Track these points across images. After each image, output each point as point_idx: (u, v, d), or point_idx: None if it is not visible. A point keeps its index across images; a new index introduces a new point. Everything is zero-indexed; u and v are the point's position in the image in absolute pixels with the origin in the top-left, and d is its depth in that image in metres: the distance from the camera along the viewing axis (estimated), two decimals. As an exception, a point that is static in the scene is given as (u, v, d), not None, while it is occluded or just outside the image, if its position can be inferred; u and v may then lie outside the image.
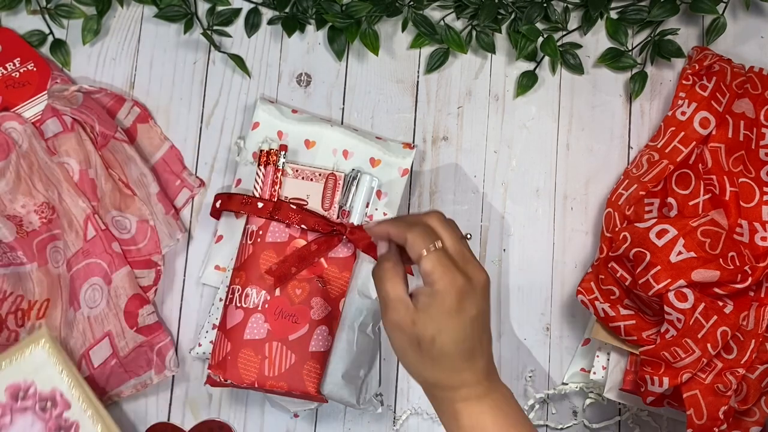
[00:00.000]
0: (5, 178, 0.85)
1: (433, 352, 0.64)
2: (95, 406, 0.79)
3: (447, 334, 0.63)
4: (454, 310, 0.63)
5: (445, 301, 0.63)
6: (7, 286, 0.85)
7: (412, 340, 0.64)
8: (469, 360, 0.65)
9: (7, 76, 0.88)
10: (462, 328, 0.64)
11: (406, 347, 0.65)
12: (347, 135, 0.88)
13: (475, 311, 0.64)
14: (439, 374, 0.65)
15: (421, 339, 0.64)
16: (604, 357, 0.84)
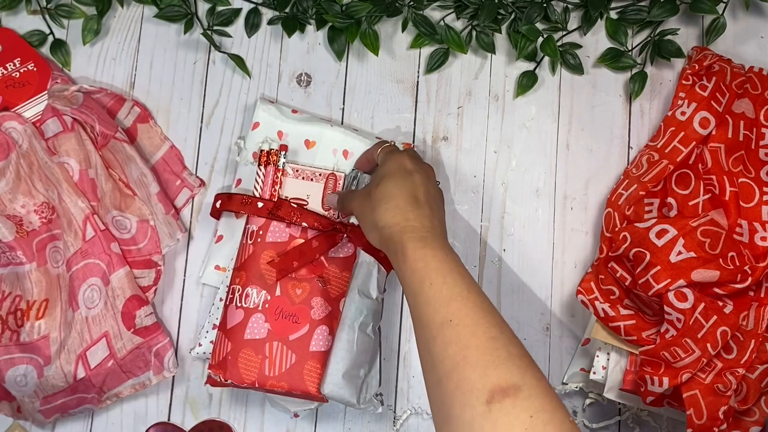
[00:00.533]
0: (5, 177, 0.85)
1: (378, 193, 0.76)
2: None
3: (389, 178, 0.77)
4: (396, 168, 0.77)
5: (389, 164, 0.78)
6: (6, 286, 0.85)
7: (364, 195, 0.78)
8: (414, 204, 0.75)
9: (7, 76, 0.88)
10: (402, 177, 0.76)
11: (361, 203, 0.78)
12: (347, 135, 0.88)
13: (416, 171, 0.77)
14: (385, 213, 0.74)
15: (371, 190, 0.77)
16: (603, 357, 0.84)
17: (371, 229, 0.76)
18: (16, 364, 0.84)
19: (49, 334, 0.84)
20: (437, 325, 0.67)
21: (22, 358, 0.84)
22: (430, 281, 0.69)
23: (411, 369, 0.89)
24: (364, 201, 0.78)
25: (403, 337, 0.89)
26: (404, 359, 0.89)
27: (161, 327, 0.86)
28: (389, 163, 0.79)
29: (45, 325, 0.85)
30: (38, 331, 0.84)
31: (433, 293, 0.69)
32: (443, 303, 0.68)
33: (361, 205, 0.78)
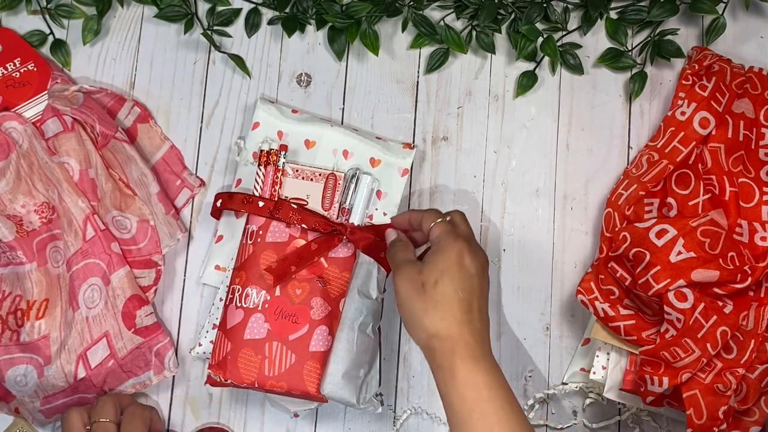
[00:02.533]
0: (5, 177, 0.85)
1: (436, 294, 0.71)
2: None
3: (448, 278, 0.72)
4: (455, 262, 0.72)
5: (448, 254, 0.73)
6: (6, 286, 0.85)
7: (417, 286, 0.72)
8: (468, 314, 0.71)
9: (7, 76, 0.88)
10: (461, 277, 0.72)
11: (412, 295, 0.72)
12: (347, 135, 0.88)
13: (474, 271, 0.73)
14: (440, 321, 0.70)
15: (425, 282, 0.72)
16: (603, 357, 0.84)
17: (418, 329, 0.72)
18: (16, 363, 0.84)
19: (50, 334, 0.84)
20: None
21: (22, 357, 0.84)
22: (480, 412, 0.68)
23: (411, 369, 0.89)
24: (415, 293, 0.72)
25: (403, 337, 0.89)
26: (404, 359, 0.89)
27: (161, 327, 0.86)
28: (448, 253, 0.73)
29: (45, 325, 0.85)
30: (38, 331, 0.84)
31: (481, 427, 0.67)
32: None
33: (411, 297, 0.72)
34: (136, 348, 0.85)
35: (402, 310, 0.74)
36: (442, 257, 0.73)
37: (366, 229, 0.85)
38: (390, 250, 0.79)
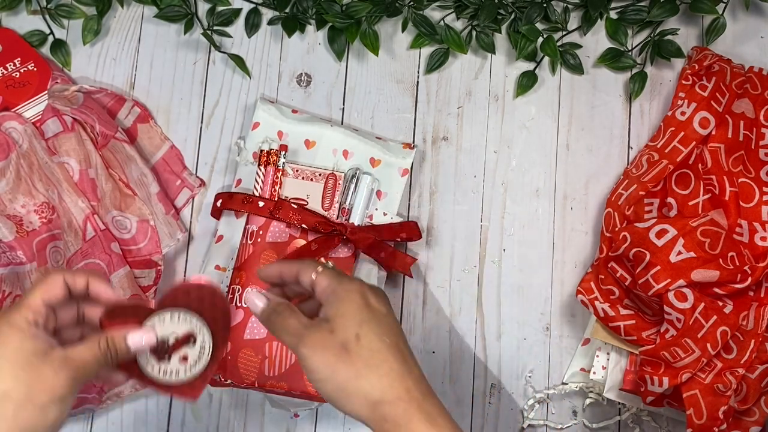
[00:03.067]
0: (5, 177, 0.85)
1: (362, 351, 0.58)
2: None
3: (369, 327, 0.59)
4: (364, 306, 0.60)
5: (353, 299, 0.60)
6: (6, 286, 0.85)
7: (338, 349, 0.58)
8: (404, 363, 0.59)
9: (7, 76, 0.88)
10: (378, 322, 0.60)
11: (335, 362, 0.58)
12: (347, 135, 0.88)
13: (385, 310, 0.61)
14: (378, 381, 0.58)
15: (346, 341, 0.58)
16: (603, 357, 0.84)
17: (355, 400, 0.58)
18: (16, 364, 0.84)
19: (49, 334, 0.84)
20: None
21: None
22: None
23: (411, 369, 0.89)
24: (336, 358, 0.58)
25: (403, 337, 0.89)
26: (404, 359, 0.89)
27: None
28: (352, 298, 0.60)
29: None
30: (38, 331, 0.84)
31: None
32: None
33: (332, 364, 0.58)
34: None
35: (325, 387, 0.58)
36: (349, 305, 0.60)
37: (366, 229, 0.85)
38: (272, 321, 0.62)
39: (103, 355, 0.61)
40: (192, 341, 0.64)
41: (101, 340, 0.61)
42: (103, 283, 0.64)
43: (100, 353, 0.61)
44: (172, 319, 0.64)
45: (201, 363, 0.64)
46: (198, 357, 0.64)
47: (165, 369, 0.64)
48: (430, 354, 0.89)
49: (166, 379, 0.64)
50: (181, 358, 0.64)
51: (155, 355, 0.64)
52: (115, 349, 0.61)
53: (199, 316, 0.64)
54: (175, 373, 0.64)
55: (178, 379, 0.64)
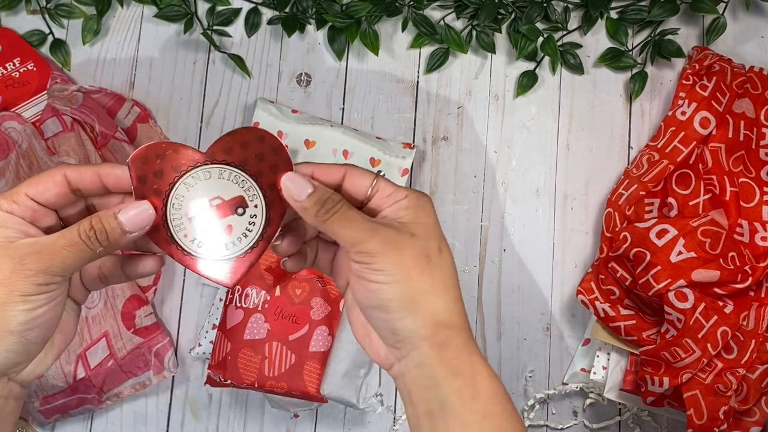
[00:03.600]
0: (5, 177, 0.85)
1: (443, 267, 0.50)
2: None
3: (446, 245, 0.51)
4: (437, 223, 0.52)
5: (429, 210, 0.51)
6: (7, 286, 0.85)
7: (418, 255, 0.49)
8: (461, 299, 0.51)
9: (7, 75, 0.88)
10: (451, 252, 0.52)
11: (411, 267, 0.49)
12: (347, 135, 0.88)
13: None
14: (451, 304, 0.50)
15: (428, 250, 0.50)
16: (604, 357, 0.84)
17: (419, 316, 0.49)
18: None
19: (49, 334, 0.84)
20: None
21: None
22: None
23: (411, 369, 0.88)
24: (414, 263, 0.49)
25: (403, 337, 0.89)
26: None
27: (161, 327, 0.86)
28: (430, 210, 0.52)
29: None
30: (38, 331, 0.84)
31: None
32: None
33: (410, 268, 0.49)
34: (136, 348, 0.85)
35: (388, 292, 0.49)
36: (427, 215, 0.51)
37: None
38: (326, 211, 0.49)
39: (84, 239, 0.48)
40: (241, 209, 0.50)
41: (83, 222, 0.48)
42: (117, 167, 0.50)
43: (78, 236, 0.48)
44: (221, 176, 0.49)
45: (248, 239, 0.50)
46: (246, 231, 0.50)
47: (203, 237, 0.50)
48: (430, 354, 0.89)
49: (200, 252, 0.50)
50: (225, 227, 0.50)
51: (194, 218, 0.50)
52: (103, 230, 0.48)
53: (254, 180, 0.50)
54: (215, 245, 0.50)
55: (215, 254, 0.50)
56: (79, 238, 0.48)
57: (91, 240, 0.48)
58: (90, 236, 0.48)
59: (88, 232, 0.48)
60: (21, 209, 0.48)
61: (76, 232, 0.47)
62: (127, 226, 0.48)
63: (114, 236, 0.48)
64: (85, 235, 0.48)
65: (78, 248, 0.48)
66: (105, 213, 0.48)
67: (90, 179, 0.49)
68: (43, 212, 0.49)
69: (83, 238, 0.48)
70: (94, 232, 0.48)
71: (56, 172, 0.49)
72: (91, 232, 0.48)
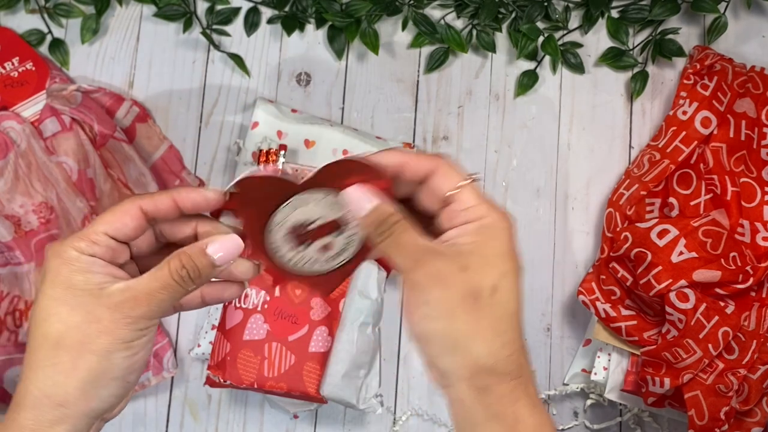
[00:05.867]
0: (3, 177, 0.85)
1: (494, 309, 0.46)
2: None
3: (509, 282, 0.47)
4: (510, 252, 0.47)
5: (503, 237, 0.47)
6: (4, 287, 0.85)
7: (466, 294, 0.46)
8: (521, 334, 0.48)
9: (5, 75, 0.87)
10: (518, 279, 0.47)
11: (455, 307, 0.46)
12: (347, 135, 0.88)
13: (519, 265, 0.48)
14: (497, 349, 0.46)
15: (479, 289, 0.46)
16: (605, 358, 0.84)
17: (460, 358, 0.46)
18: (15, 364, 0.84)
19: (48, 335, 0.84)
20: None
21: (20, 358, 0.84)
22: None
23: (411, 370, 0.88)
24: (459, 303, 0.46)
25: (403, 337, 0.89)
26: (404, 360, 0.89)
27: (160, 327, 0.86)
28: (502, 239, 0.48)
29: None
30: (37, 331, 0.84)
31: None
32: None
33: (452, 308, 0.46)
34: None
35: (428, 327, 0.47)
36: (495, 244, 0.47)
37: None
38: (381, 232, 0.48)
39: (177, 280, 0.47)
40: (339, 230, 0.52)
41: (172, 261, 0.47)
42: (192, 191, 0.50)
43: (171, 278, 0.47)
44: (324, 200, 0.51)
45: (344, 255, 0.53)
46: (343, 248, 0.52)
47: (300, 256, 0.53)
48: (430, 354, 0.88)
49: (298, 267, 0.53)
50: (321, 247, 0.52)
51: (293, 240, 0.52)
52: (195, 268, 0.47)
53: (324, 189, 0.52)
54: (312, 262, 0.53)
55: (312, 269, 0.53)
56: (172, 279, 0.47)
57: (184, 279, 0.47)
58: (183, 275, 0.47)
59: (180, 272, 0.47)
60: (103, 250, 0.48)
61: (168, 274, 0.47)
62: (217, 260, 0.48)
63: (206, 272, 0.48)
64: (177, 276, 0.47)
65: (172, 289, 0.47)
66: (193, 250, 0.48)
67: (167, 207, 0.49)
68: (121, 249, 0.49)
69: (176, 279, 0.47)
70: (186, 271, 0.47)
71: (131, 206, 0.50)
72: (183, 271, 0.47)
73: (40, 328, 0.46)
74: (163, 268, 0.47)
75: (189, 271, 0.47)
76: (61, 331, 0.46)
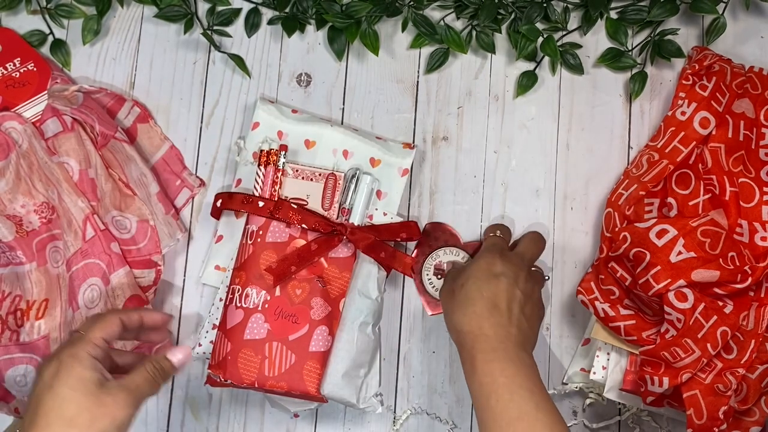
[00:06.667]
0: (5, 177, 0.85)
1: (461, 295, 0.78)
2: None
3: (473, 282, 0.78)
4: (483, 269, 0.78)
5: (479, 262, 0.79)
6: (6, 286, 0.85)
7: (449, 292, 0.80)
8: (492, 311, 0.75)
9: (7, 76, 0.88)
10: (487, 284, 0.77)
11: (447, 299, 0.81)
12: (347, 135, 0.88)
13: (504, 277, 0.77)
14: (464, 319, 0.76)
15: (455, 288, 0.79)
16: (604, 357, 0.84)
17: (450, 329, 0.79)
18: (16, 363, 0.84)
19: (49, 334, 0.84)
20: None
21: (21, 357, 0.84)
22: (496, 397, 0.70)
23: (411, 369, 0.89)
24: (448, 297, 0.80)
25: (403, 337, 0.89)
26: (404, 359, 0.89)
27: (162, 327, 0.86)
28: (479, 262, 0.80)
29: (45, 325, 0.85)
30: (38, 331, 0.84)
31: (500, 410, 0.69)
32: (509, 422, 0.69)
33: (446, 301, 0.81)
34: (136, 348, 0.85)
35: (444, 317, 0.81)
36: (474, 265, 0.80)
37: (366, 229, 0.85)
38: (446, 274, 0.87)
39: (152, 377, 0.69)
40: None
41: (147, 365, 0.69)
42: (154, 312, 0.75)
43: (149, 376, 0.69)
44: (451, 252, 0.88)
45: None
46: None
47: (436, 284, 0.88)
48: (430, 354, 0.89)
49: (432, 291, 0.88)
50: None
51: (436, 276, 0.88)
52: (161, 369, 0.70)
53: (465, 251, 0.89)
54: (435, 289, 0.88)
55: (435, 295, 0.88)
56: (150, 375, 0.69)
57: (156, 377, 0.69)
58: (155, 374, 0.69)
59: (153, 372, 0.69)
60: (100, 352, 0.68)
61: (146, 372, 0.69)
62: (176, 364, 0.72)
63: (170, 372, 0.71)
64: (152, 374, 0.69)
65: (150, 382, 0.69)
66: (160, 357, 0.71)
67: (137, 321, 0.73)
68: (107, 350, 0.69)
69: (152, 376, 0.69)
70: (156, 371, 0.69)
71: (115, 318, 0.70)
72: (154, 371, 0.69)
73: (57, 410, 0.64)
74: (142, 370, 0.69)
75: (158, 371, 0.70)
76: (74, 412, 0.64)
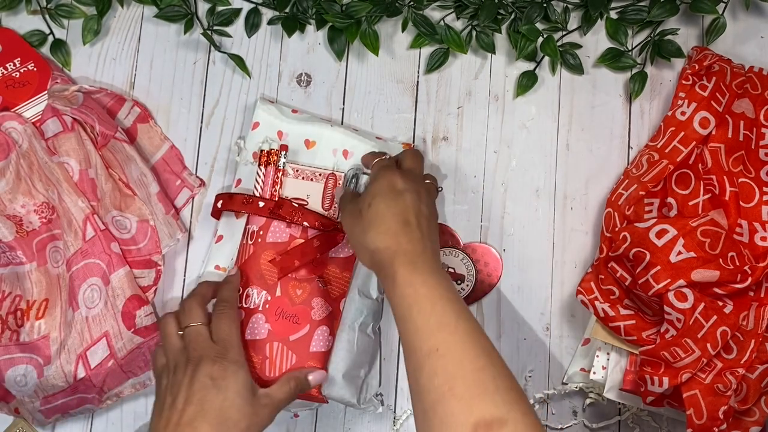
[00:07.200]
0: (5, 177, 0.85)
1: (370, 214, 0.75)
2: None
3: (380, 199, 0.75)
4: (386, 186, 0.76)
5: (380, 181, 0.77)
6: (6, 286, 0.85)
7: (356, 213, 0.77)
8: (405, 227, 0.73)
9: (7, 76, 0.88)
10: (393, 197, 0.75)
11: (352, 222, 0.77)
12: (347, 135, 0.88)
13: (407, 193, 0.76)
14: (377, 236, 0.73)
15: (362, 207, 0.76)
16: (603, 357, 0.84)
17: (362, 251, 0.76)
18: (16, 363, 0.84)
19: (49, 334, 0.84)
20: (424, 354, 0.67)
21: (22, 357, 0.84)
22: (418, 308, 0.69)
23: (411, 369, 0.89)
24: (355, 220, 0.77)
25: (403, 337, 0.89)
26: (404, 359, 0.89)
27: (161, 327, 0.86)
28: (380, 181, 0.77)
29: (45, 325, 0.85)
30: (38, 330, 0.84)
31: (422, 321, 0.69)
32: (431, 332, 0.68)
33: (352, 224, 0.77)
34: (136, 348, 0.85)
35: (350, 241, 0.79)
36: (375, 184, 0.77)
37: (366, 229, 0.85)
38: (339, 203, 0.84)
39: (293, 393, 0.77)
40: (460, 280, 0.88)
41: (291, 381, 0.77)
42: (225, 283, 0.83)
43: (292, 392, 0.77)
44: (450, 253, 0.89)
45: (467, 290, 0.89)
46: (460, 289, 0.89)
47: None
48: (430, 354, 0.89)
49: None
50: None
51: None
52: (301, 387, 0.78)
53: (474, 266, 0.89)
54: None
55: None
56: (292, 391, 0.77)
57: (295, 393, 0.78)
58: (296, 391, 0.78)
59: (295, 389, 0.78)
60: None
61: (289, 388, 0.77)
62: (312, 382, 0.80)
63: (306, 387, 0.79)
64: (294, 390, 0.77)
65: (291, 397, 0.77)
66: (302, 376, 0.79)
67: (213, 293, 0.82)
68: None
69: (294, 392, 0.77)
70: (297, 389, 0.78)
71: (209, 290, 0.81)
72: (297, 388, 0.78)
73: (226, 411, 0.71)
74: (287, 385, 0.77)
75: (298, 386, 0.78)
76: (237, 417, 0.71)
